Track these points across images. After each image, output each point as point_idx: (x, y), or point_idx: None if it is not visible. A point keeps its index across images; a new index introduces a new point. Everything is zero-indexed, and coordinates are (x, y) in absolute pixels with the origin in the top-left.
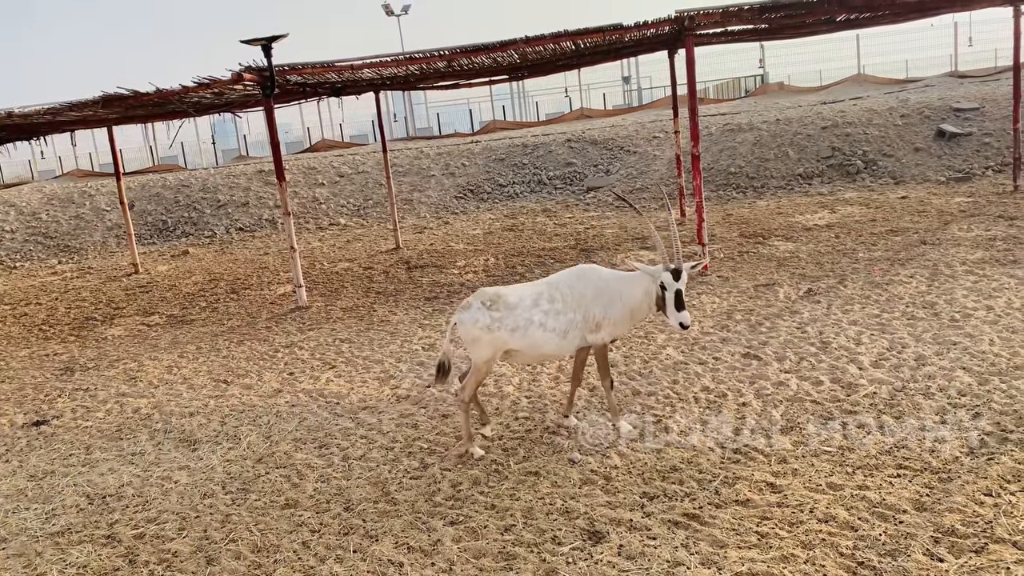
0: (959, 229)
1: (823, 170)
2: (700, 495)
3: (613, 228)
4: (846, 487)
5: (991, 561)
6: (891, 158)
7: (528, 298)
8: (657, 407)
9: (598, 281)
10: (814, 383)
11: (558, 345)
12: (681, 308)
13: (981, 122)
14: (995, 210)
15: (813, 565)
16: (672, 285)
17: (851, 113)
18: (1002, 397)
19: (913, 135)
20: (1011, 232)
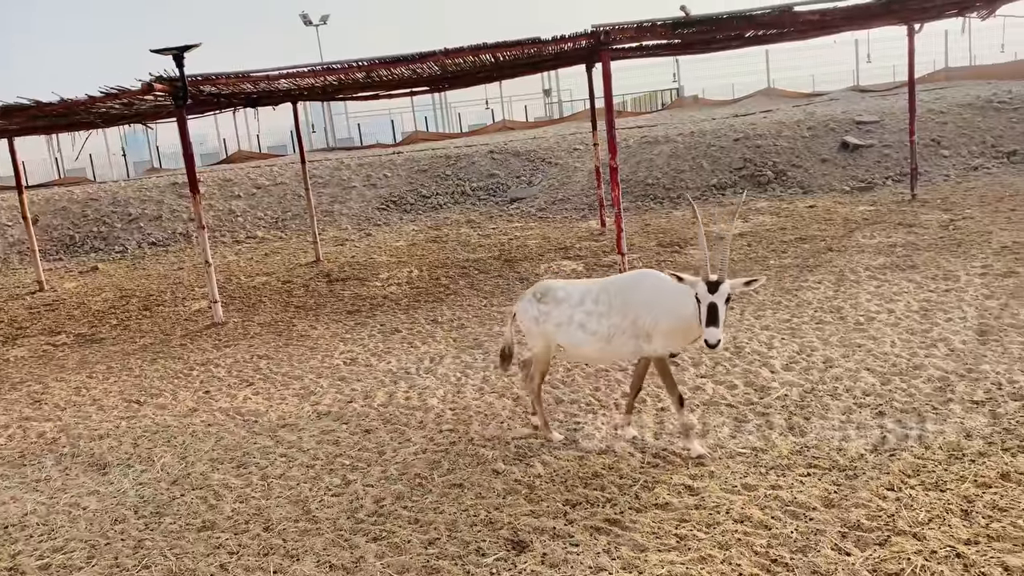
0: (863, 236)
1: (736, 180)
2: (621, 500)
3: (536, 239)
4: (760, 487)
5: (893, 553)
6: (799, 169)
7: (576, 295)
8: (579, 414)
9: (652, 288)
10: (729, 387)
11: (601, 349)
12: (712, 323)
13: (881, 134)
14: (895, 218)
15: (730, 564)
16: (705, 297)
17: (762, 126)
18: (903, 396)
19: (819, 147)
20: (910, 239)
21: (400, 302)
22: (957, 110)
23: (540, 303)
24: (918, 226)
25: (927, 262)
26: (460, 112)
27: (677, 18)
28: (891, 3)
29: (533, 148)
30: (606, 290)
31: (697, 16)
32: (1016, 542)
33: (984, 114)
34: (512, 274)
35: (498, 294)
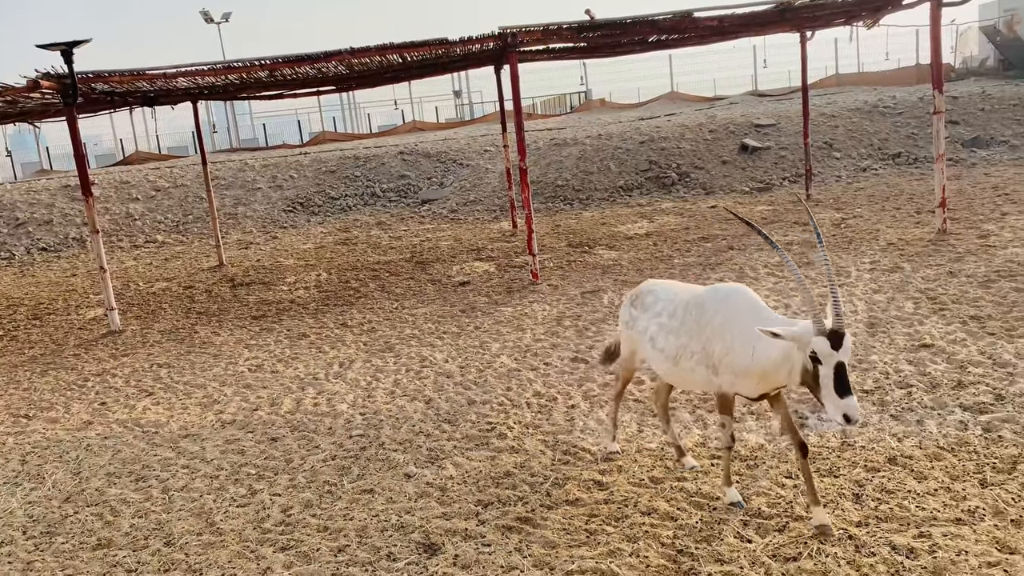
0: None
1: (642, 182)
2: (532, 498)
3: (448, 240)
4: (666, 480)
5: (791, 538)
6: (702, 170)
7: (659, 304)
8: (492, 414)
9: (734, 312)
10: (636, 383)
11: (668, 371)
12: (845, 391)
13: (778, 137)
14: (791, 217)
15: (637, 557)
16: (829, 356)
17: (666, 128)
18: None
19: (720, 149)
20: (804, 237)
21: (308, 306)
22: (847, 114)
23: (632, 306)
24: None
25: (820, 259)
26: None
27: (583, 22)
28: (784, 11)
29: (444, 149)
30: (688, 302)
31: (602, 20)
32: (902, 522)
33: (871, 118)
34: (424, 276)
35: (409, 296)
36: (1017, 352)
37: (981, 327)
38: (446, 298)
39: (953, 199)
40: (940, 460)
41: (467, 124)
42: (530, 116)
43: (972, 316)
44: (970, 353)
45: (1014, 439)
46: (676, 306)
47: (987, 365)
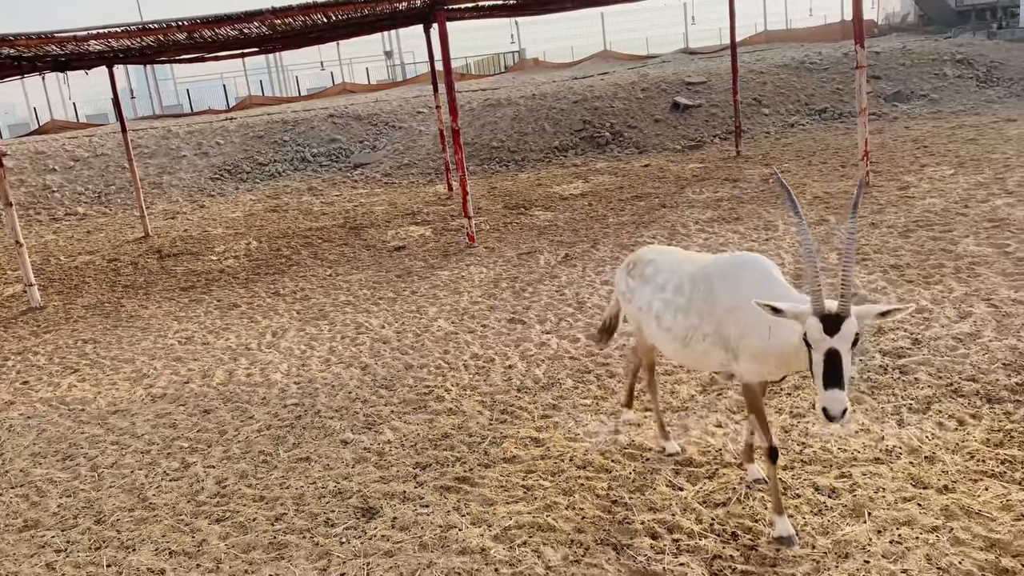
0: (693, 192)
1: (576, 142)
2: (470, 458)
3: (383, 205)
4: (601, 433)
5: (720, 484)
6: (635, 129)
7: (662, 276)
8: (429, 378)
9: (747, 289)
10: (572, 341)
11: (676, 352)
12: (832, 383)
13: (709, 95)
14: (722, 174)
15: (573, 509)
16: (820, 341)
17: (599, 88)
18: None
19: (653, 108)
20: (734, 193)
21: (238, 276)
22: (775, 71)
23: (629, 275)
24: (742, 181)
25: (750, 214)
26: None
27: None
28: None
29: (376, 112)
30: (697, 276)
31: None
32: (824, 464)
33: (798, 74)
34: (358, 242)
35: (343, 263)
36: (933, 298)
37: (900, 275)
38: (381, 264)
39: (875, 152)
40: (861, 404)
41: (399, 85)
42: (463, 77)
43: (892, 265)
44: (890, 300)
45: (928, 380)
46: (681, 279)
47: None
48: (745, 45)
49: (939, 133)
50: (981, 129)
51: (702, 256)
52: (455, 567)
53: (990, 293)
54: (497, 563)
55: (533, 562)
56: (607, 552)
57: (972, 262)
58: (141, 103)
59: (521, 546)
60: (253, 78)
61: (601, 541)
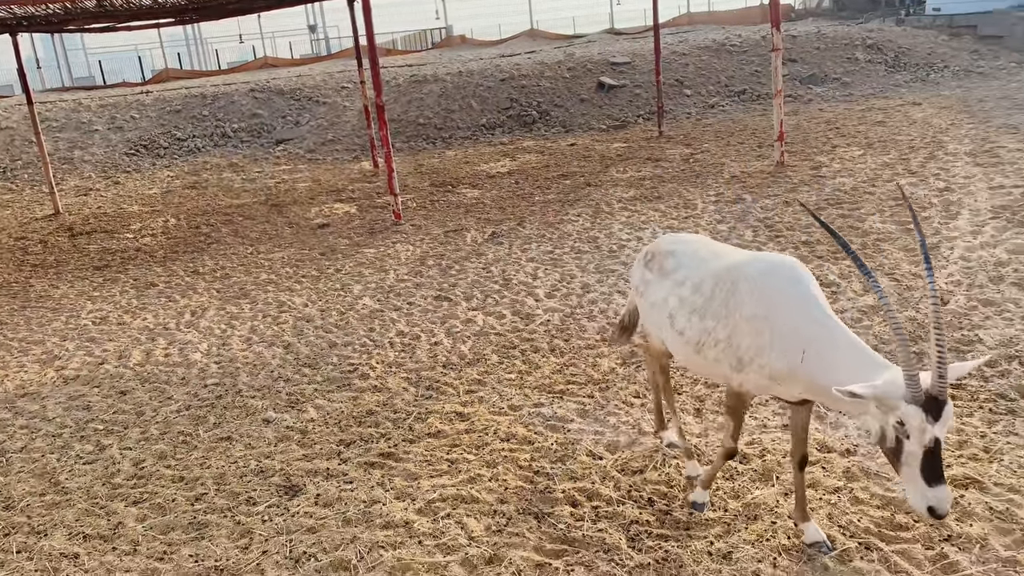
0: (617, 171)
1: (504, 120)
2: (395, 434)
3: (307, 182)
4: (524, 407)
5: (638, 452)
6: (561, 108)
7: (683, 271)
8: (354, 356)
9: (775, 298)
10: (498, 317)
11: (688, 357)
12: (937, 478)
13: (633, 75)
14: (645, 153)
15: (497, 480)
16: (921, 430)
17: (526, 66)
18: None
19: (579, 87)
20: (656, 172)
21: (155, 254)
22: (697, 52)
23: (647, 267)
24: (664, 160)
25: (671, 193)
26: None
27: None
28: None
29: (299, 86)
30: (721, 276)
31: None
32: None
33: (719, 56)
34: (281, 219)
35: (265, 240)
36: (841, 273)
37: (811, 251)
38: (305, 241)
39: (791, 133)
40: None
41: (323, 60)
42: (389, 52)
43: (803, 241)
44: None
45: None
46: (703, 277)
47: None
48: (670, 26)
49: (850, 115)
50: (889, 112)
51: (732, 252)
52: (378, 541)
53: (893, 268)
54: (420, 535)
55: (456, 533)
56: (529, 521)
57: (877, 239)
58: (49, 74)
59: (445, 518)
60: (170, 50)
61: (523, 511)
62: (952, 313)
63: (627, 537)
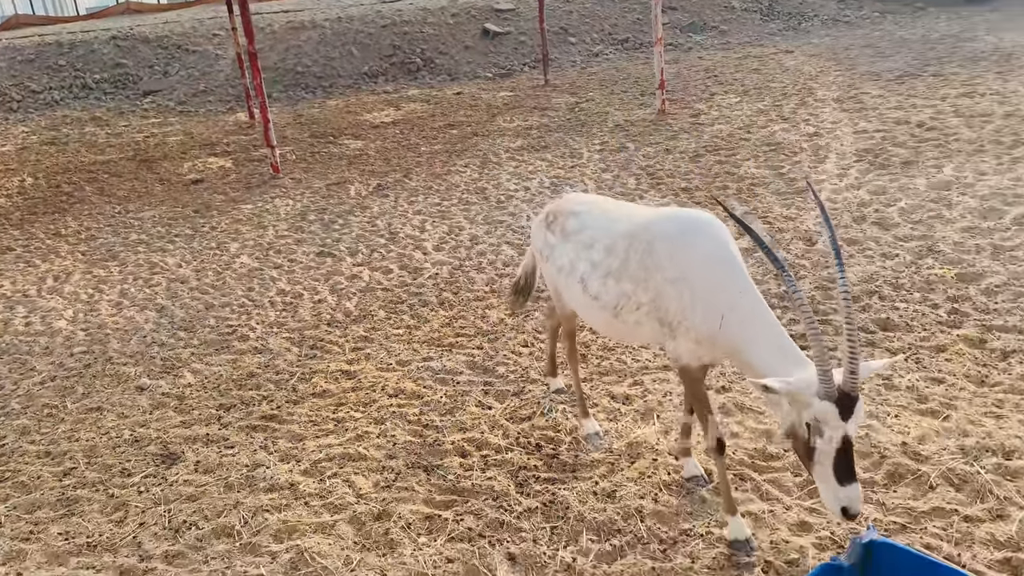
0: (503, 121)
1: (387, 68)
2: (278, 395)
3: (178, 135)
4: (413, 362)
5: (526, 400)
6: (446, 56)
7: (589, 232)
8: (232, 317)
9: (698, 261)
10: (384, 272)
11: (605, 323)
12: (847, 477)
13: (518, 22)
14: (531, 102)
15: (385, 437)
16: (834, 427)
17: (408, 12)
18: None
19: (463, 34)
20: (543, 121)
21: (11, 216)
22: (580, 0)
23: (549, 229)
24: (550, 109)
25: (557, 142)
26: None
27: None
28: None
29: (166, 34)
30: (634, 236)
31: None
32: (619, 375)
33: (602, 4)
34: (151, 176)
35: (134, 199)
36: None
37: (690, 197)
38: (177, 198)
39: (671, 81)
40: None
41: (192, 6)
42: None
43: (683, 188)
44: None
45: None
46: (615, 237)
47: None
48: None
49: (727, 63)
50: (763, 60)
51: (639, 210)
52: (263, 505)
53: (766, 211)
54: (307, 496)
55: (344, 492)
56: (418, 475)
57: (752, 183)
58: None
59: (332, 478)
60: None
61: (412, 465)
62: (819, 253)
63: (515, 483)
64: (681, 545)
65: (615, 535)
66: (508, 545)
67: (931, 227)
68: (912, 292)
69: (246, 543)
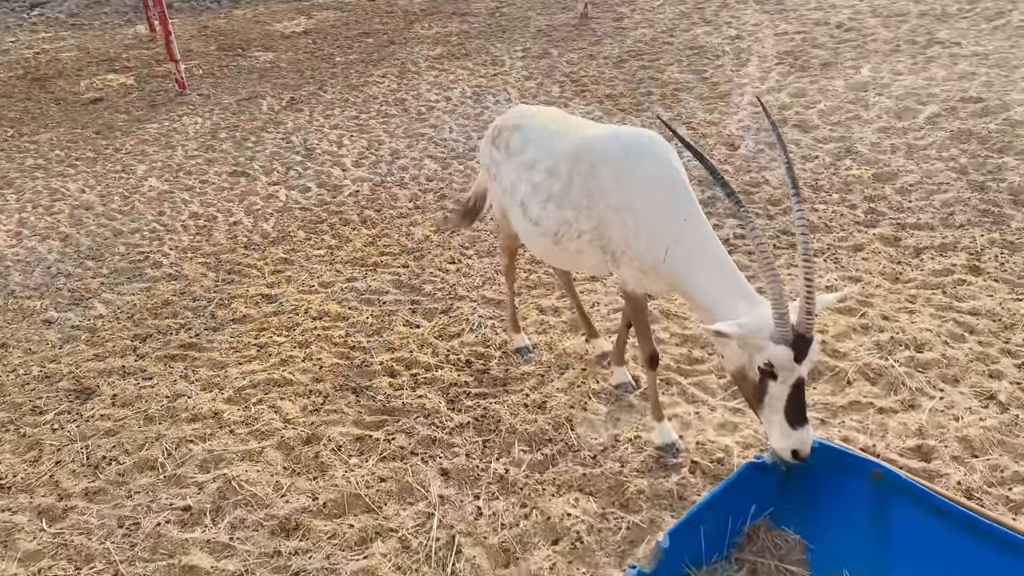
0: (421, 27)
1: None
2: (196, 323)
3: (72, 51)
4: (336, 283)
5: (454, 317)
6: None
7: (532, 150)
8: (143, 243)
9: (643, 185)
10: (302, 191)
11: (546, 250)
12: (799, 420)
13: None
14: (450, 8)
15: (311, 360)
16: (788, 370)
17: None
18: (460, 178)
19: None
20: (463, 27)
21: None
22: None
23: (494, 145)
24: (470, 15)
25: (478, 49)
26: None
27: None
28: None
29: None
30: (577, 156)
31: None
32: (547, 288)
33: None
34: (44, 95)
35: (28, 121)
36: (643, 123)
37: (615, 104)
38: (76, 119)
39: None
40: None
41: None
42: None
43: (607, 95)
44: None
45: None
46: (557, 158)
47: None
48: None
49: None
50: None
51: (584, 126)
52: (186, 435)
53: (690, 116)
54: (232, 425)
55: (270, 418)
56: (347, 397)
57: (676, 88)
58: None
59: (257, 404)
60: None
61: (340, 387)
62: (742, 157)
63: (446, 400)
64: (611, 451)
65: (546, 444)
66: (441, 461)
67: (849, 128)
68: (831, 193)
69: (171, 475)
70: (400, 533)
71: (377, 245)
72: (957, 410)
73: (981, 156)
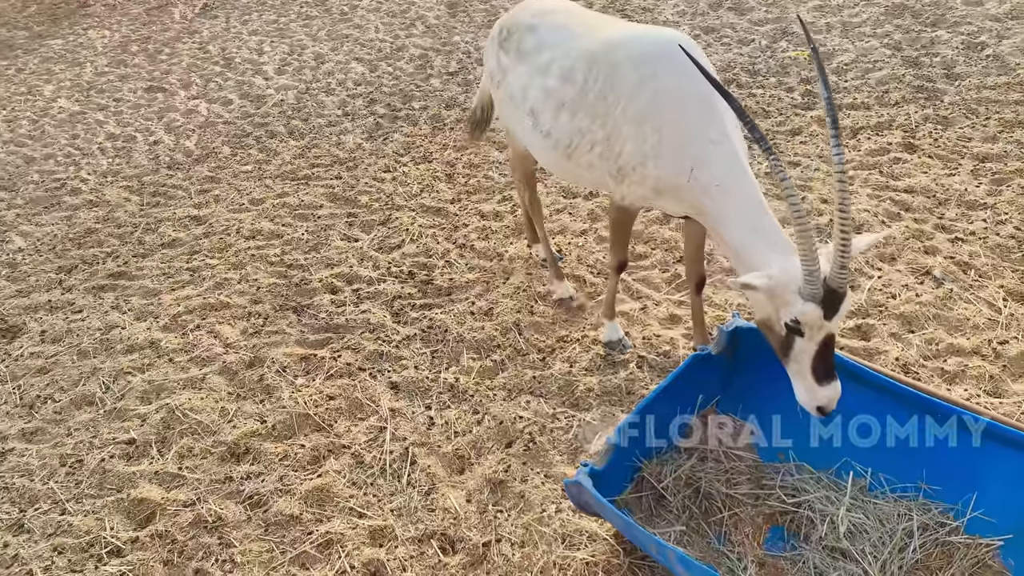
0: None
1: None
2: (123, 251)
3: None
4: (267, 199)
5: (393, 229)
6: None
7: (547, 52)
8: (59, 169)
9: (670, 95)
10: (224, 103)
11: (557, 163)
12: (827, 376)
13: None
14: None
15: (247, 282)
16: (816, 326)
17: None
18: (390, 80)
19: None
20: None
21: None
22: None
23: (502, 48)
24: None
25: None
26: None
27: None
28: None
29: None
30: (597, 58)
31: None
32: (487, 192)
33: None
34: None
35: None
36: None
37: None
38: None
39: None
40: None
41: None
42: None
43: None
44: None
45: None
46: (574, 60)
47: None
48: None
49: None
50: None
51: (609, 24)
52: (123, 367)
53: (624, 3)
54: (170, 353)
55: (210, 343)
56: (288, 317)
57: None
58: None
59: (195, 330)
60: None
61: (280, 307)
62: None
63: (391, 313)
64: (559, 352)
65: (495, 351)
66: (390, 375)
67: (784, 9)
68: (768, 77)
69: (111, 409)
70: (353, 449)
71: (307, 157)
72: (894, 287)
73: (915, 31)
